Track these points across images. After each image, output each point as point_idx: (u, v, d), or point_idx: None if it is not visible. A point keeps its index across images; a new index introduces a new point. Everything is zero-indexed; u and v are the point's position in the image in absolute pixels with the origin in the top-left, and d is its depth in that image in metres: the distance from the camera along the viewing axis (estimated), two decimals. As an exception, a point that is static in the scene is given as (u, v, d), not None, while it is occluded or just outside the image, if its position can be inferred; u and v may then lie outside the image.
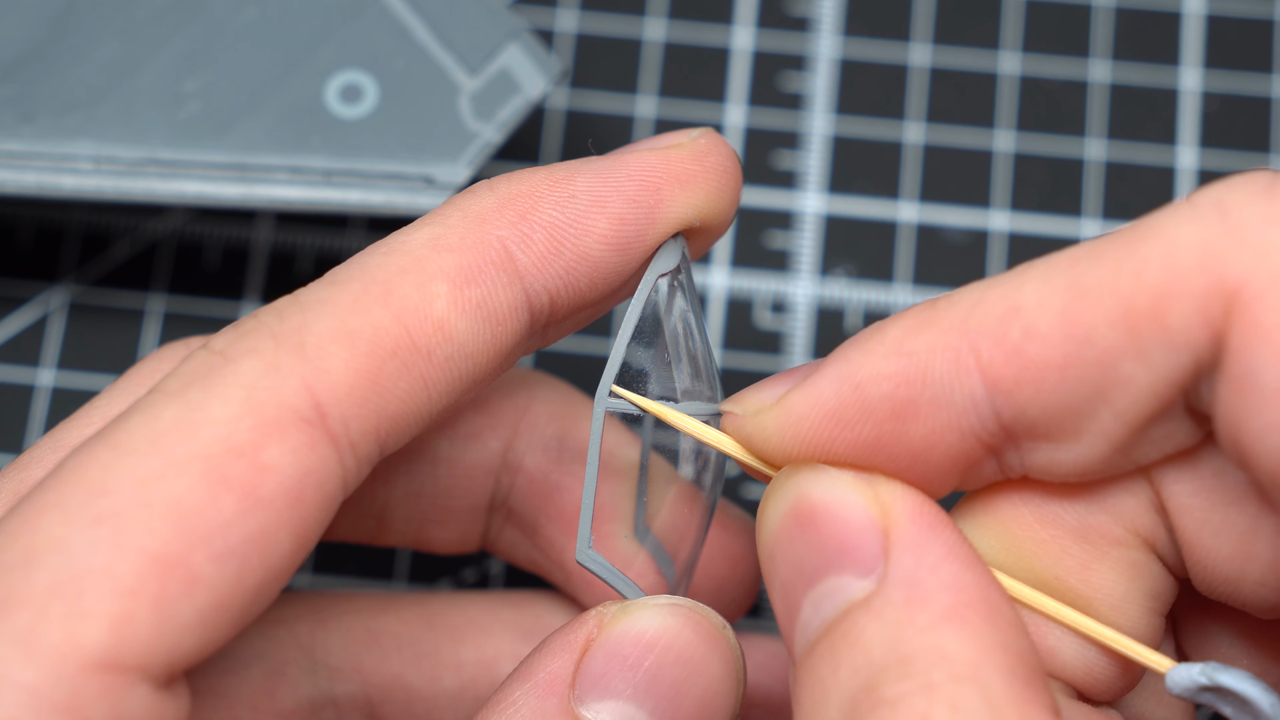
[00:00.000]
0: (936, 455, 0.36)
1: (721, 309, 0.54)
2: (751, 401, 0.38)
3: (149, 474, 0.34)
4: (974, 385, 0.36)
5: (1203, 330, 0.34)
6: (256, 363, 0.36)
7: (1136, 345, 0.34)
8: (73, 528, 0.34)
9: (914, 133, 0.56)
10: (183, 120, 0.50)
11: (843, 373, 0.37)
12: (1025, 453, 0.37)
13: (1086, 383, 0.35)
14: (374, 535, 0.45)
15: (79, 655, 0.33)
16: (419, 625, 0.45)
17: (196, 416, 0.35)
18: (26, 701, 0.33)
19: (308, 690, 0.44)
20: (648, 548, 0.41)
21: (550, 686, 0.38)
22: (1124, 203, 0.55)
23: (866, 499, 0.36)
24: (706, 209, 0.40)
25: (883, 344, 0.36)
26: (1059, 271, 0.35)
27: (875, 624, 0.35)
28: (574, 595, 0.45)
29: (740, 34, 0.57)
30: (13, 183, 0.49)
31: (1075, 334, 0.35)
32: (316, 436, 0.36)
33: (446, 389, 0.38)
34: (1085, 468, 0.36)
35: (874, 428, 0.36)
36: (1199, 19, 0.57)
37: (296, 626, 0.44)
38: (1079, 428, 0.36)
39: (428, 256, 0.38)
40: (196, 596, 0.34)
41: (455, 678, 0.44)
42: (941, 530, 0.36)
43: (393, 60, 0.50)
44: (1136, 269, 0.34)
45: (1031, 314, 0.35)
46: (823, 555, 0.36)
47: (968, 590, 0.35)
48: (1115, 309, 0.35)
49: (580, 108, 0.56)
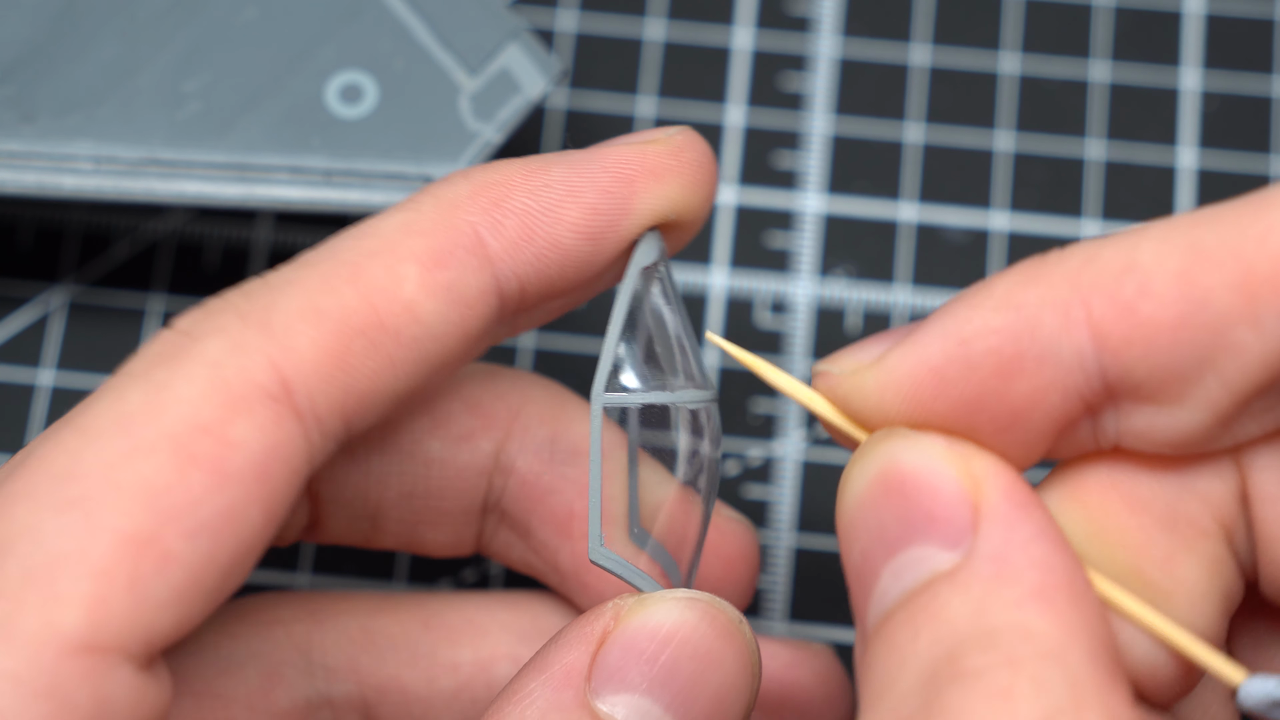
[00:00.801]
0: (1037, 415, 0.36)
1: (721, 309, 0.54)
2: (849, 360, 0.38)
3: (117, 456, 0.34)
4: (1083, 341, 0.35)
5: None
6: (222, 341, 0.36)
7: (1253, 312, 0.34)
8: (43, 514, 0.34)
9: (914, 133, 0.56)
10: (183, 120, 0.50)
11: (948, 328, 0.36)
12: (1124, 416, 0.36)
13: (1198, 346, 0.34)
14: (367, 538, 0.45)
15: (58, 640, 0.33)
16: (415, 626, 0.45)
17: (163, 396, 0.35)
18: (8, 689, 0.33)
19: (304, 691, 0.44)
20: (647, 550, 0.42)
21: (566, 679, 0.38)
22: (1124, 203, 0.55)
23: (959, 470, 0.36)
24: (680, 203, 0.40)
25: (991, 298, 0.36)
26: (1180, 231, 0.35)
27: (960, 596, 0.34)
28: (570, 597, 0.45)
29: (740, 34, 0.57)
30: (13, 183, 0.49)
31: (1192, 295, 0.34)
32: (282, 412, 0.36)
33: (413, 369, 0.38)
34: (1184, 437, 0.36)
35: (978, 384, 0.36)
36: (1199, 19, 0.57)
37: (293, 627, 0.44)
38: (1184, 393, 0.35)
39: (398, 240, 0.38)
40: (170, 574, 0.34)
41: (452, 678, 0.44)
42: (1032, 509, 0.35)
43: (393, 60, 0.50)
44: (1261, 234, 0.34)
45: (1148, 271, 0.35)
46: (909, 523, 0.35)
47: (1055, 572, 0.34)
48: (1235, 273, 0.34)
49: (580, 108, 0.56)
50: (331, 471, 0.43)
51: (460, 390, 0.44)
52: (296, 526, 0.44)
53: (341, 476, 0.43)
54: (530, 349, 0.54)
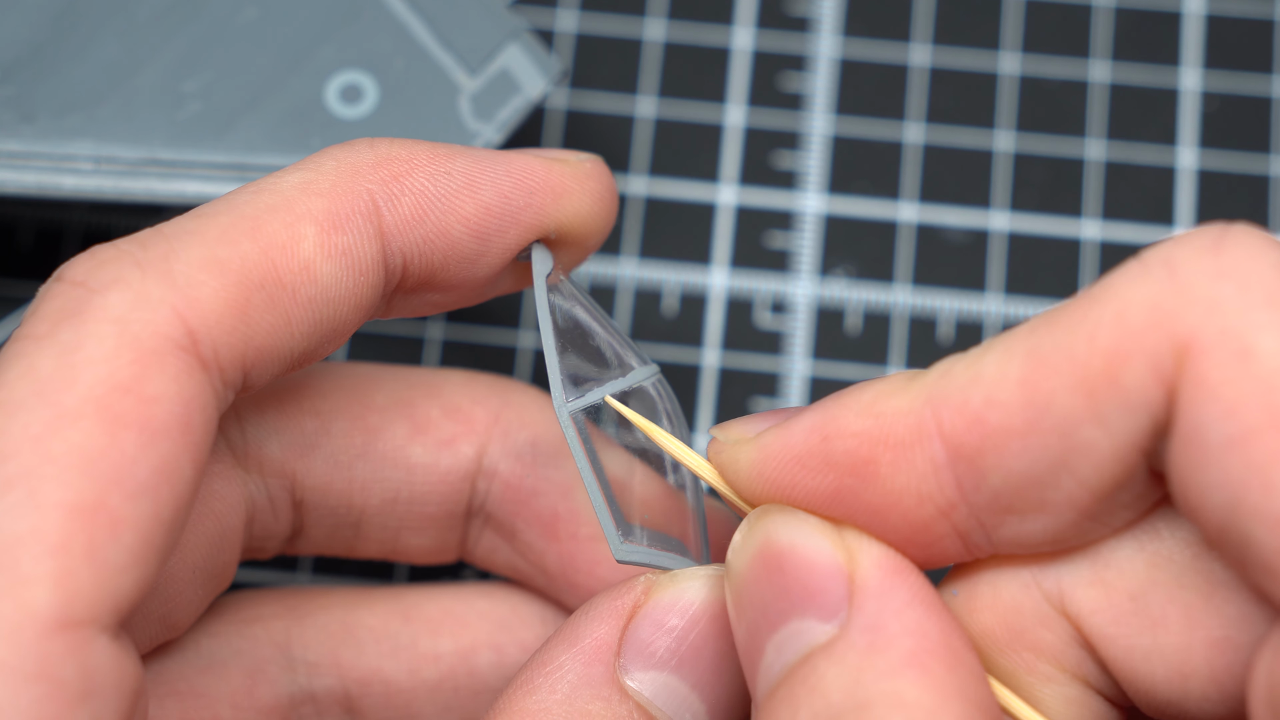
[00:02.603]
0: (894, 518, 0.36)
1: (721, 309, 0.54)
2: (735, 431, 0.38)
3: (43, 428, 0.34)
4: (935, 451, 0.36)
5: (1157, 389, 0.34)
6: (124, 293, 0.36)
7: (1095, 410, 0.34)
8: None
9: (914, 133, 0.56)
10: (183, 120, 0.50)
11: (815, 423, 0.37)
12: (993, 527, 0.36)
13: (1049, 450, 0.35)
14: (350, 547, 0.45)
15: (34, 621, 0.33)
16: (395, 619, 0.45)
17: (75, 359, 0.35)
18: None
19: (286, 687, 0.44)
20: (637, 538, 0.42)
21: (596, 653, 0.38)
22: (1124, 203, 0.55)
23: (833, 543, 0.36)
24: (574, 225, 0.41)
25: (858, 403, 0.37)
26: (1019, 339, 0.35)
27: (836, 669, 0.35)
28: (557, 598, 0.45)
29: (740, 34, 0.57)
30: (13, 183, 0.49)
31: (1035, 401, 0.35)
32: (191, 363, 0.36)
33: (308, 330, 0.38)
34: (1056, 537, 0.36)
35: (836, 480, 0.36)
36: (1199, 19, 0.57)
37: (272, 624, 0.44)
38: (1044, 497, 0.35)
39: (297, 198, 0.38)
40: (123, 539, 0.34)
41: (434, 669, 0.44)
42: (906, 576, 0.36)
43: (393, 60, 0.50)
44: (1090, 332, 0.34)
45: (992, 381, 0.35)
46: (787, 598, 0.36)
47: (930, 637, 0.35)
48: (1072, 374, 0.34)
49: (580, 108, 0.56)
50: (314, 480, 0.43)
51: (439, 396, 0.44)
52: (279, 537, 0.44)
53: (324, 485, 0.43)
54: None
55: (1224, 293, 0.33)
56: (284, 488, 0.43)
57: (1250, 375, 0.33)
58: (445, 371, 0.45)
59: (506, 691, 0.39)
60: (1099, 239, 0.55)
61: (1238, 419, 0.33)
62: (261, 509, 0.43)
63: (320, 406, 0.43)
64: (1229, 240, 0.34)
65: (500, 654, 0.45)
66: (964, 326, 0.54)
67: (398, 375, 0.44)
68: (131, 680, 0.35)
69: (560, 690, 0.38)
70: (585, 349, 0.41)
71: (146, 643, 0.41)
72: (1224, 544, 0.34)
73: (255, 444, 0.43)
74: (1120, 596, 0.36)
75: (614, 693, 0.38)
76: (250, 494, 0.43)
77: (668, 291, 0.55)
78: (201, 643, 0.43)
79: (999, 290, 0.54)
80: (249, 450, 0.43)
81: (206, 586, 0.42)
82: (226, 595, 0.44)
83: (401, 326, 0.54)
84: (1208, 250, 0.34)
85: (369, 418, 0.44)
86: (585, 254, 0.42)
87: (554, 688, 0.38)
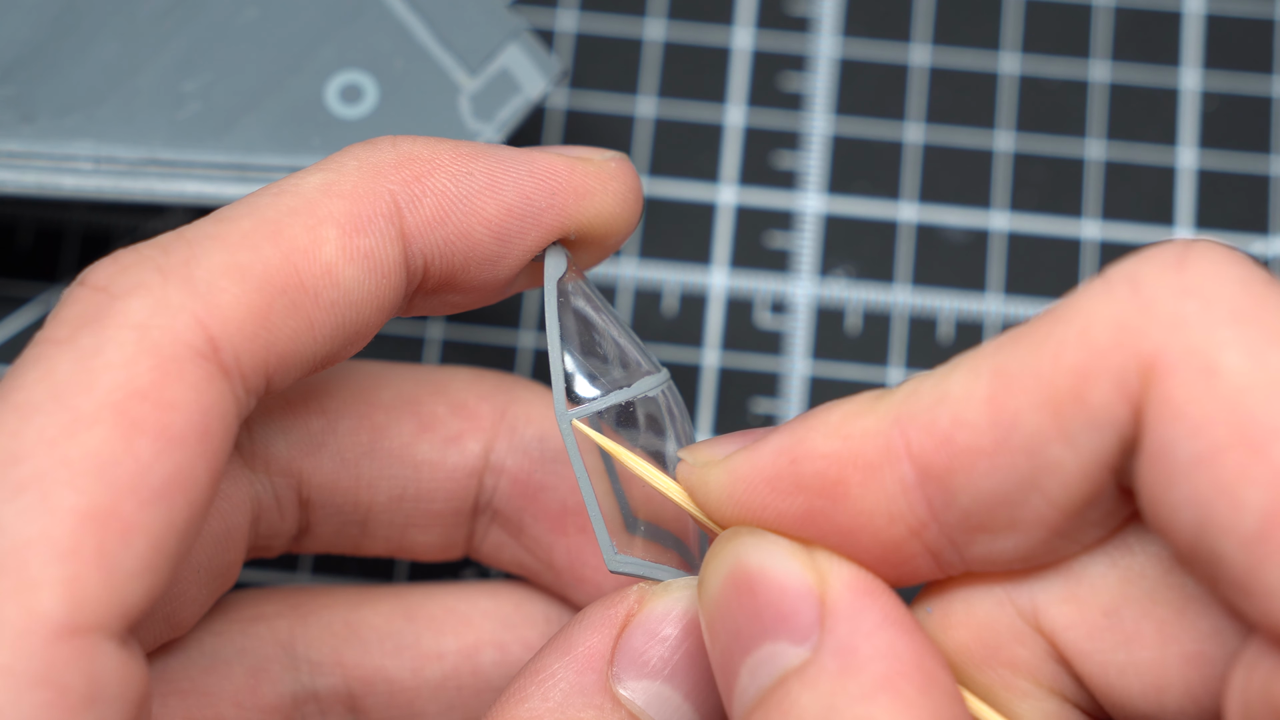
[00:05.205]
0: (865, 538, 0.36)
1: (721, 309, 0.54)
2: (703, 454, 0.38)
3: (59, 431, 0.34)
4: (904, 471, 0.35)
5: (1123, 407, 0.34)
6: (145, 299, 0.35)
7: (1062, 429, 0.34)
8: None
9: (914, 133, 0.56)
10: (183, 120, 0.50)
11: (784, 445, 0.37)
12: (965, 545, 0.36)
13: (1017, 469, 0.35)
14: (357, 544, 0.45)
15: (41, 626, 0.33)
16: (398, 617, 0.45)
17: (94, 364, 0.35)
18: (3, 683, 0.33)
19: (290, 685, 0.44)
20: (641, 534, 0.42)
21: (589, 661, 0.38)
22: (1124, 203, 0.55)
23: (804, 565, 0.36)
24: (596, 226, 0.41)
25: (826, 425, 0.36)
26: (985, 358, 0.35)
27: (809, 693, 0.34)
28: (565, 593, 0.45)
29: (740, 34, 0.57)
30: (13, 183, 0.49)
31: (1002, 420, 0.34)
32: (212, 370, 0.36)
33: (330, 334, 0.38)
34: (1027, 555, 0.36)
35: (806, 501, 0.36)
36: (1199, 19, 0.57)
37: (276, 623, 0.44)
38: (1014, 516, 0.35)
39: (319, 200, 0.38)
40: (135, 545, 0.34)
41: (437, 668, 0.44)
42: (878, 597, 0.36)
43: (393, 60, 0.50)
44: (1055, 351, 0.34)
45: (959, 401, 0.35)
46: (759, 622, 0.36)
47: (902, 659, 0.35)
48: (1038, 393, 0.34)
49: (580, 108, 0.56)
50: (321, 478, 0.43)
51: (446, 393, 0.44)
52: (285, 535, 0.44)
53: (331, 483, 0.43)
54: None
55: (1188, 310, 0.33)
56: (290, 486, 0.43)
57: (1215, 393, 0.33)
58: (451, 369, 0.45)
59: (500, 700, 0.39)
60: (1099, 239, 0.55)
61: (1204, 437, 0.33)
62: (267, 508, 0.43)
63: (326, 405, 0.43)
64: (1193, 256, 0.34)
65: (504, 652, 0.45)
66: (964, 326, 0.54)
67: (404, 373, 0.44)
68: (137, 687, 0.35)
69: (553, 699, 0.38)
70: (595, 352, 0.40)
71: (150, 641, 0.41)
72: (1194, 561, 0.34)
73: (262, 443, 0.43)
74: (1094, 612, 0.36)
75: (606, 701, 0.38)
76: (256, 493, 0.43)
77: (668, 291, 0.55)
78: (205, 641, 0.43)
79: (999, 290, 0.54)
80: (255, 449, 0.43)
81: (211, 585, 0.42)
82: (230, 594, 0.44)
83: (402, 326, 0.54)
84: (1171, 267, 0.34)
85: (375, 415, 0.44)
86: (606, 253, 0.42)
87: (546, 696, 0.38)
